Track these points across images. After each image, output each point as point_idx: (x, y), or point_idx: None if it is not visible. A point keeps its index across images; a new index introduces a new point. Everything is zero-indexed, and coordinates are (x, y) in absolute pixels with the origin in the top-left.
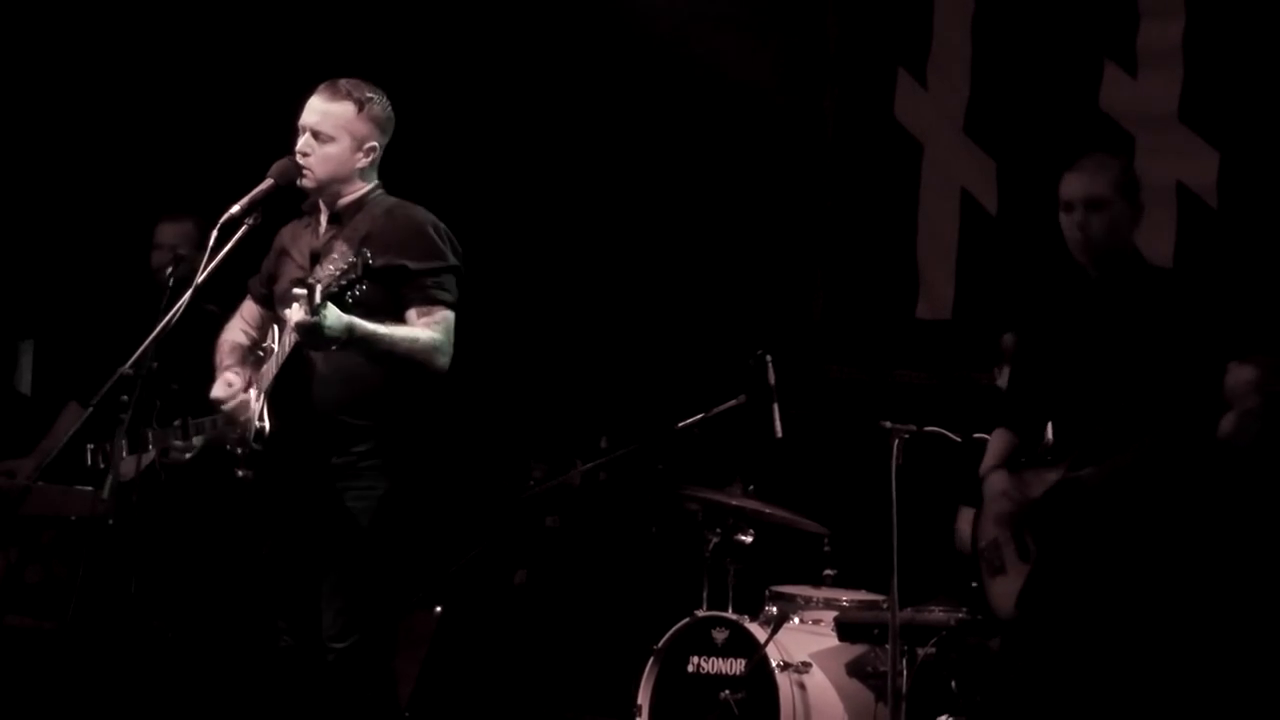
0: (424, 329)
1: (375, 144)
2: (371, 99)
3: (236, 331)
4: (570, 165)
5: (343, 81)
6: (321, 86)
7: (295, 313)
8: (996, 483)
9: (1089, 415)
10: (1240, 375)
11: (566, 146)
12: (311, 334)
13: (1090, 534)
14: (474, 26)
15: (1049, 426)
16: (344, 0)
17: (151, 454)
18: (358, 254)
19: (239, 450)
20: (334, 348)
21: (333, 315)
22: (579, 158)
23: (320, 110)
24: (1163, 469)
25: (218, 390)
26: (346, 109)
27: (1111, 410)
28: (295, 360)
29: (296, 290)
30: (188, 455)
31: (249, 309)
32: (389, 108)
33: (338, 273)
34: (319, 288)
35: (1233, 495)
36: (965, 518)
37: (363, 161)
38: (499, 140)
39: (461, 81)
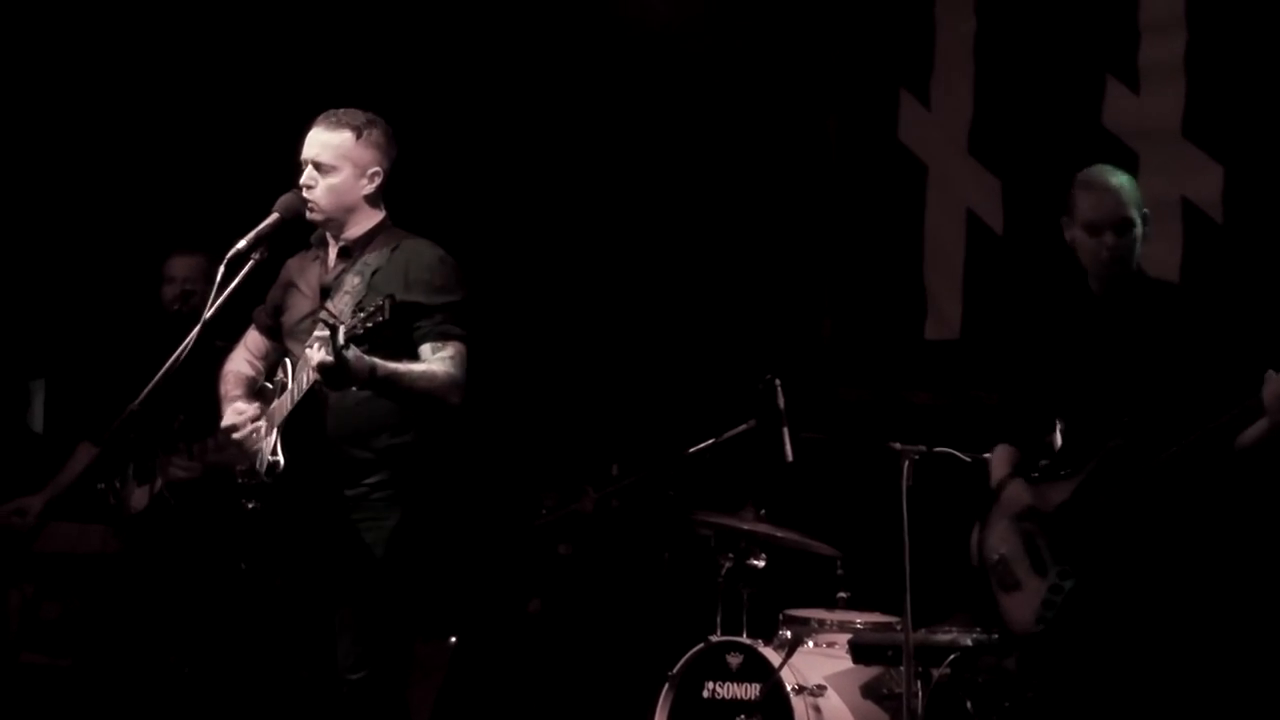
0: (440, 365)
1: (379, 169)
2: (370, 124)
3: (241, 362)
4: (578, 191)
5: (340, 111)
6: (319, 118)
7: (317, 353)
8: (1018, 493)
9: (1092, 429)
10: (1277, 387)
11: (575, 170)
12: (333, 375)
13: (1112, 545)
14: (472, 73)
15: (1056, 434)
16: (352, 31)
17: (160, 481)
18: (383, 296)
19: (248, 481)
20: (354, 388)
21: (355, 357)
22: (587, 184)
23: (320, 142)
24: (1176, 477)
25: (229, 418)
26: (345, 137)
27: (1111, 425)
28: (309, 395)
29: (319, 332)
30: (190, 476)
31: (254, 339)
32: (389, 131)
33: (364, 314)
34: (342, 329)
35: (1248, 504)
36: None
37: (368, 188)
38: (507, 164)
39: (467, 119)
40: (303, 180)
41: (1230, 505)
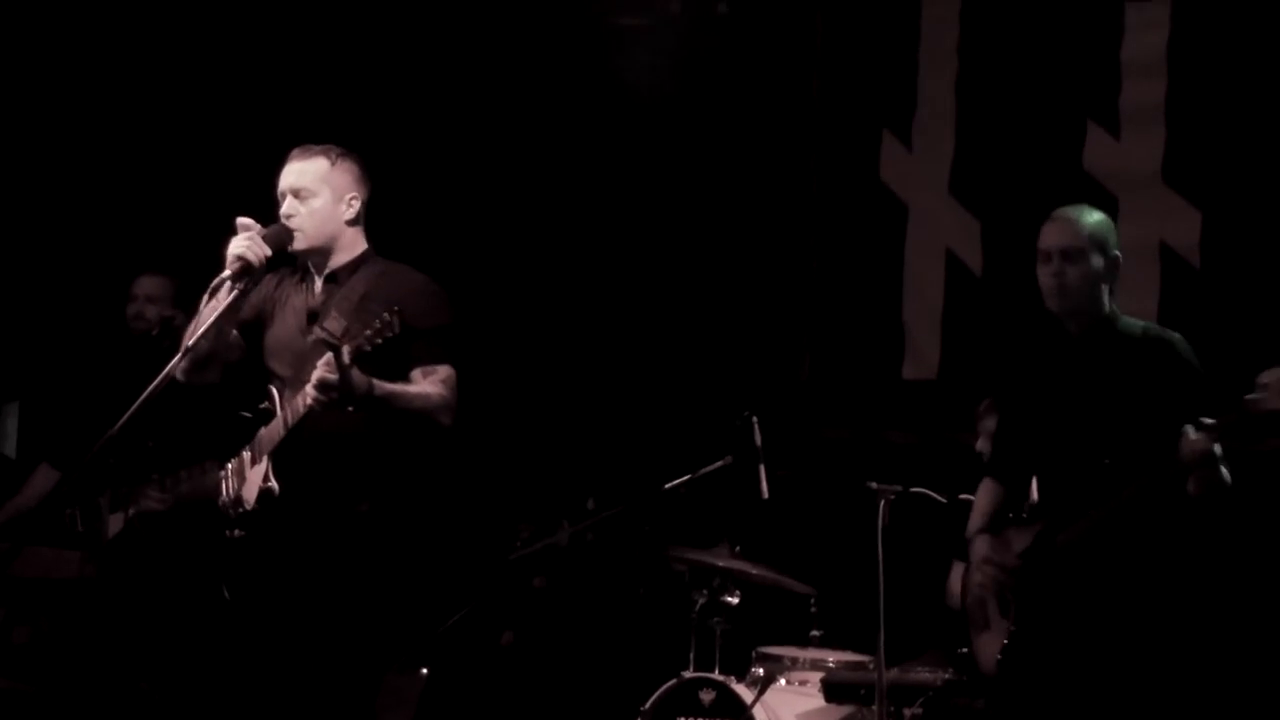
0: (432, 387)
1: (356, 194)
2: (343, 155)
3: None
4: (558, 225)
5: (311, 144)
6: (292, 153)
7: (318, 372)
8: (979, 548)
9: (1067, 474)
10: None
11: (554, 206)
12: (334, 392)
13: (1065, 592)
14: (448, 106)
15: (1034, 483)
16: (322, 50)
17: (131, 509)
18: (388, 311)
19: (234, 511)
20: (351, 408)
21: (357, 375)
22: (567, 219)
23: (296, 170)
24: (1136, 526)
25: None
26: (320, 164)
27: (1088, 469)
28: (301, 421)
29: (328, 351)
30: (162, 507)
31: None
32: (362, 163)
33: (370, 331)
34: (347, 347)
35: (1210, 548)
36: (958, 574)
37: (348, 213)
38: (488, 192)
39: (447, 146)
40: (284, 211)
41: (1183, 550)
